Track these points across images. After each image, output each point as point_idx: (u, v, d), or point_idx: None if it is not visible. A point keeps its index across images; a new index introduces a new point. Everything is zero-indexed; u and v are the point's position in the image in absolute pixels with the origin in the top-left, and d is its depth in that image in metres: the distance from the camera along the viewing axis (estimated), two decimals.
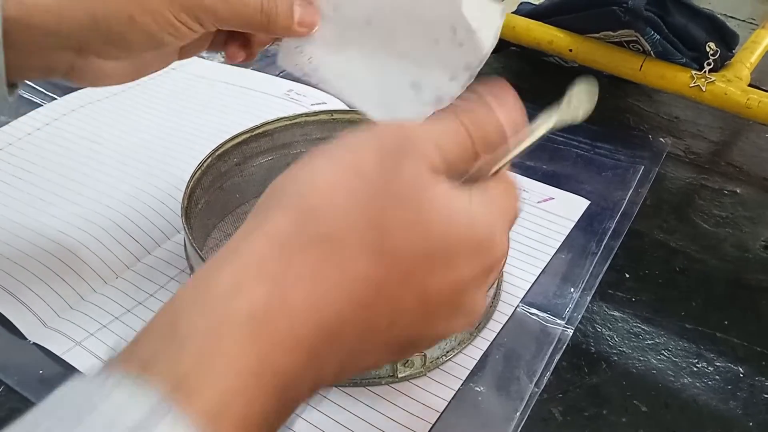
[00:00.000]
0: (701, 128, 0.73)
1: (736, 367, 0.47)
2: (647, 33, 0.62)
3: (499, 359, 0.46)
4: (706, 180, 0.65)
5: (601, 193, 0.61)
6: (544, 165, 0.65)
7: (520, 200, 0.32)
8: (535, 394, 0.43)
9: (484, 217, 0.28)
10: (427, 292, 0.26)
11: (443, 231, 0.26)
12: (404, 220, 0.26)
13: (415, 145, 0.27)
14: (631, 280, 0.53)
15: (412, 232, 0.26)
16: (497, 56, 0.85)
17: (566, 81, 0.35)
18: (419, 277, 0.26)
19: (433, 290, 0.27)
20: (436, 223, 0.26)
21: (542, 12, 0.72)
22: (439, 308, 0.27)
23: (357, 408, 0.42)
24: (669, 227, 0.59)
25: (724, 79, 0.62)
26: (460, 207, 0.27)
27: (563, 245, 0.55)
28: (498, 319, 0.48)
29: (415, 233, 0.26)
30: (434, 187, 0.26)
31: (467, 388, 0.44)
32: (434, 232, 0.26)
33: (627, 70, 0.66)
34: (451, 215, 0.26)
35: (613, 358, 0.47)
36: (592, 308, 0.50)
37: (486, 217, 0.28)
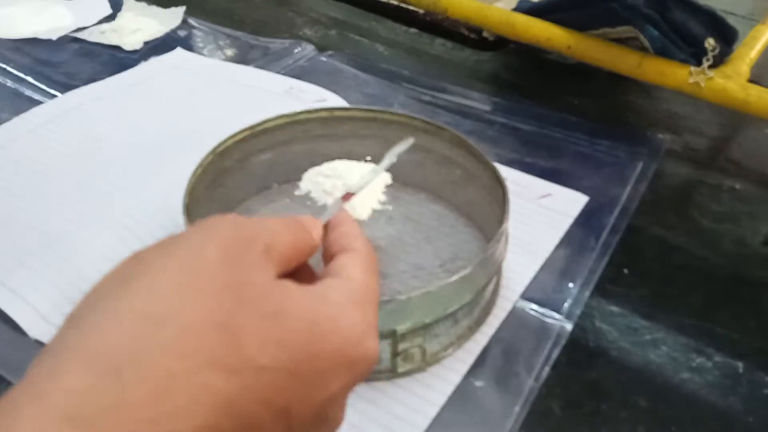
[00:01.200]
0: (700, 124, 0.73)
1: (736, 363, 0.47)
2: (646, 29, 0.62)
3: (499, 354, 0.46)
4: (705, 176, 0.65)
5: (600, 189, 0.61)
6: (543, 161, 0.65)
7: (377, 267, 0.28)
8: (534, 389, 0.44)
9: (350, 314, 0.25)
10: (290, 415, 0.23)
11: (307, 342, 0.23)
12: (260, 329, 0.22)
13: (257, 241, 0.25)
14: (630, 276, 0.53)
15: (271, 344, 0.22)
16: (496, 53, 0.85)
17: (565, 78, 0.35)
18: (282, 398, 0.22)
19: (296, 412, 0.23)
20: (299, 332, 0.23)
21: (541, 9, 0.72)
22: (301, 428, 0.24)
23: (357, 402, 0.42)
24: (668, 223, 0.59)
25: (723, 75, 0.62)
26: (321, 308, 0.24)
27: (562, 241, 0.55)
28: (497, 314, 0.49)
29: (275, 345, 0.22)
30: (287, 286, 0.24)
31: (467, 383, 0.44)
32: (298, 344, 0.23)
33: (626, 67, 0.66)
34: (315, 320, 0.24)
35: (612, 353, 0.47)
36: (591, 304, 0.50)
37: (351, 312, 0.25)
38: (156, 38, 0.83)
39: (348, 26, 0.92)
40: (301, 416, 0.23)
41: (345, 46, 0.86)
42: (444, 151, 0.56)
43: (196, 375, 0.21)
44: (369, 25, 0.92)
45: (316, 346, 0.23)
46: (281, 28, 0.90)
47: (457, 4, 0.74)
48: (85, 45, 0.81)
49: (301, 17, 0.93)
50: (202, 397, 0.21)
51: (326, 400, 0.24)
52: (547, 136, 0.69)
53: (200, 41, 0.84)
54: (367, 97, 0.74)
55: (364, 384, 0.43)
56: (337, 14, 0.94)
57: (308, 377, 0.23)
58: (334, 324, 0.24)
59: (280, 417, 0.23)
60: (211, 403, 0.21)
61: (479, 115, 0.72)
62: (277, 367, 0.22)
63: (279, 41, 0.84)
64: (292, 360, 0.23)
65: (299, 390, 0.23)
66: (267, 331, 0.22)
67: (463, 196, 0.56)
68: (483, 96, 0.76)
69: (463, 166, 0.55)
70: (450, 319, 0.44)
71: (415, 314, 0.42)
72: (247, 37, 0.85)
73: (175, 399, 0.20)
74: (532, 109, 0.73)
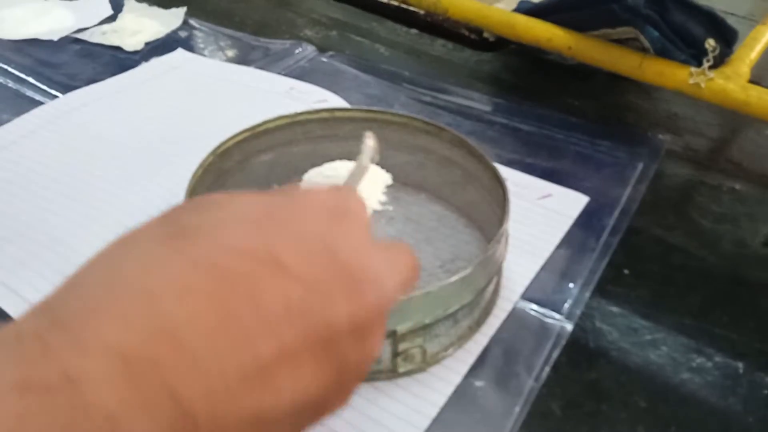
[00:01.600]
0: (700, 125, 0.73)
1: (735, 363, 0.47)
2: (646, 30, 0.62)
3: (499, 354, 0.46)
4: (705, 177, 0.65)
5: (600, 190, 0.61)
6: (544, 162, 0.65)
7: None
8: (534, 389, 0.44)
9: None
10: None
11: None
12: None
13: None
14: (630, 277, 0.53)
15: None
16: (497, 54, 0.85)
17: (565, 79, 0.35)
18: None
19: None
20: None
21: (541, 10, 0.72)
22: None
23: (357, 402, 0.42)
24: (668, 224, 0.59)
25: (723, 76, 0.62)
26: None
27: (562, 241, 0.55)
28: (497, 314, 0.49)
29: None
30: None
31: (467, 383, 0.44)
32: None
33: (626, 68, 0.66)
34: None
35: (612, 353, 0.47)
36: (591, 304, 0.51)
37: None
38: (157, 39, 0.83)
39: (349, 27, 0.92)
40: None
41: (346, 47, 0.86)
42: (444, 151, 0.56)
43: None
44: (370, 26, 0.92)
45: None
46: (282, 28, 0.90)
47: (457, 5, 0.74)
48: (86, 46, 0.81)
49: (302, 18, 0.94)
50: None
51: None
52: (547, 136, 0.69)
53: (201, 42, 0.84)
54: (367, 97, 0.74)
55: (365, 384, 0.43)
56: (338, 15, 0.95)
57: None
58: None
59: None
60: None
61: (480, 116, 0.72)
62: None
63: (280, 42, 0.84)
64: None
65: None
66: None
67: (464, 196, 0.56)
68: (483, 96, 0.76)
69: (464, 166, 0.55)
70: (450, 320, 0.44)
71: (416, 314, 0.42)
72: (247, 38, 0.85)
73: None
74: (532, 109, 0.73)
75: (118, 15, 0.87)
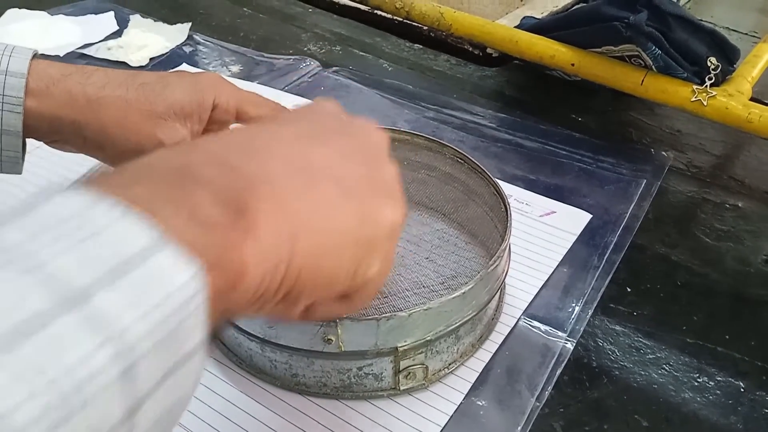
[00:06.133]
0: (703, 142, 0.73)
1: (737, 382, 0.47)
2: (649, 48, 0.62)
3: (501, 373, 0.46)
4: (708, 194, 0.65)
5: (604, 207, 0.61)
6: (547, 178, 0.65)
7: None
8: (536, 408, 0.44)
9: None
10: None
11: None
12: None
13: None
14: (633, 294, 0.53)
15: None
16: (500, 70, 0.86)
17: (569, 94, 0.35)
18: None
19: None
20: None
21: (545, 26, 0.72)
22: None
23: (358, 421, 0.42)
24: (671, 241, 0.59)
25: (725, 93, 0.62)
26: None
27: (565, 258, 0.55)
28: (500, 330, 0.49)
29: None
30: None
31: (469, 402, 0.44)
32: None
33: (629, 85, 0.66)
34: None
35: (614, 372, 0.47)
36: (593, 322, 0.50)
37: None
38: (162, 54, 0.84)
39: (352, 42, 0.92)
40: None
41: (349, 62, 0.86)
42: (446, 168, 0.56)
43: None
44: (373, 41, 0.93)
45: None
46: (286, 44, 0.90)
47: (461, 21, 0.75)
48: (92, 61, 0.81)
49: (306, 33, 0.94)
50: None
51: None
52: (550, 152, 0.69)
53: (205, 57, 0.85)
54: (371, 112, 0.74)
55: (366, 402, 0.43)
56: (342, 30, 0.95)
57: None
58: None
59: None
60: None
61: (483, 131, 0.72)
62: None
63: (284, 57, 0.85)
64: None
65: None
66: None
67: (466, 213, 0.56)
68: (487, 112, 0.76)
69: (466, 183, 0.55)
70: (452, 336, 0.44)
71: (417, 331, 0.42)
72: (252, 53, 0.86)
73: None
74: (535, 125, 0.73)
75: (124, 30, 0.87)
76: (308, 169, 0.27)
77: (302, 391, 0.44)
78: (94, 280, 0.18)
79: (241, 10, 0.99)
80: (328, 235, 0.26)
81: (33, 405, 0.15)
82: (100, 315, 0.17)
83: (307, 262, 0.25)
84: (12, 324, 0.16)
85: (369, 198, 0.28)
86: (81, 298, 0.17)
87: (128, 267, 0.18)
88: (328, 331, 0.40)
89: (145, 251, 0.19)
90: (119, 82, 0.43)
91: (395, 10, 0.80)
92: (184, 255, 0.20)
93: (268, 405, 0.43)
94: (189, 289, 0.20)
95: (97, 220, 0.19)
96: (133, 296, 0.18)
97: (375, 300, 0.49)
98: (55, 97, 0.41)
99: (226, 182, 0.23)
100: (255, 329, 0.43)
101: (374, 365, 0.43)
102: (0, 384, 0.15)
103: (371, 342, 0.41)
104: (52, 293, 0.17)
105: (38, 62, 0.42)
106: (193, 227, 0.21)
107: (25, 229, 0.18)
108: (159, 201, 0.21)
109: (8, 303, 0.16)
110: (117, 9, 0.92)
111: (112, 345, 0.17)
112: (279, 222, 0.24)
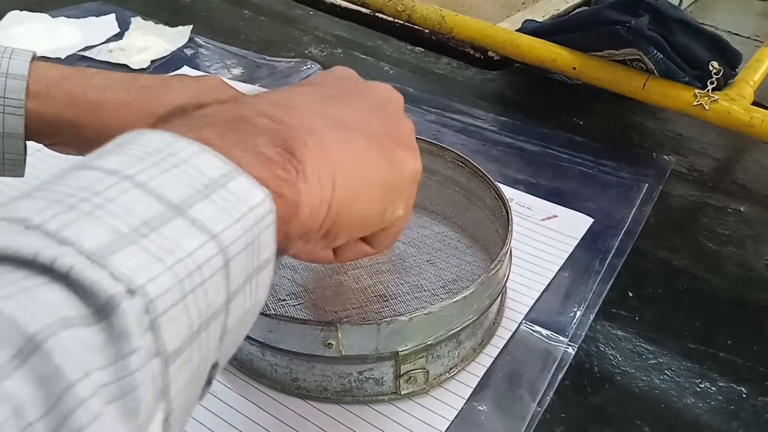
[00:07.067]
0: (705, 146, 0.73)
1: (739, 388, 0.47)
2: (650, 52, 0.62)
3: (503, 377, 0.46)
4: (710, 198, 0.65)
5: (605, 211, 0.61)
6: (548, 182, 0.65)
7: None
8: (537, 413, 0.43)
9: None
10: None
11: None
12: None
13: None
14: (635, 299, 0.53)
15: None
16: (501, 73, 0.86)
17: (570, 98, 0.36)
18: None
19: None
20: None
21: (546, 30, 0.72)
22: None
23: (359, 426, 0.42)
24: (672, 246, 0.59)
25: (727, 97, 0.62)
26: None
27: (567, 263, 0.55)
28: (501, 335, 0.49)
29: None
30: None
31: (470, 407, 0.44)
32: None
33: (630, 89, 0.66)
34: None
35: (616, 377, 0.47)
36: (595, 327, 0.50)
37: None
38: (163, 57, 0.83)
39: (354, 45, 0.92)
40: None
41: (351, 65, 0.85)
42: (447, 171, 0.56)
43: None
44: (374, 44, 0.93)
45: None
46: (287, 46, 0.90)
47: (463, 25, 0.75)
48: (92, 63, 0.81)
49: (308, 36, 0.94)
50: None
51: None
52: (552, 156, 0.69)
53: (207, 60, 0.85)
54: None
55: (367, 407, 0.43)
56: (343, 33, 0.95)
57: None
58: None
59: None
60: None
61: (484, 135, 0.72)
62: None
63: (285, 60, 0.85)
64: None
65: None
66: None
67: (467, 216, 0.56)
68: (488, 115, 0.76)
69: (467, 186, 0.55)
70: (453, 340, 0.44)
71: (418, 335, 0.42)
72: (253, 56, 0.86)
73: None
74: (537, 129, 0.73)
75: (125, 33, 0.87)
76: (341, 124, 0.30)
77: (303, 395, 0.44)
78: (190, 195, 0.21)
79: (242, 13, 0.99)
80: (361, 180, 0.30)
81: (166, 278, 0.19)
82: (202, 220, 0.21)
83: (345, 203, 0.29)
84: (138, 220, 0.20)
85: (393, 149, 0.32)
86: (184, 207, 0.21)
87: (214, 187, 0.22)
88: (329, 335, 0.40)
89: (224, 177, 0.22)
90: (120, 85, 0.43)
91: (397, 13, 0.80)
92: (255, 182, 0.23)
93: (268, 409, 0.43)
94: (263, 207, 0.23)
95: (180, 153, 0.22)
96: (223, 209, 0.22)
97: (375, 304, 0.49)
98: (56, 99, 0.41)
99: (278, 131, 0.26)
100: (255, 333, 0.42)
101: (375, 369, 0.42)
102: (140, 263, 0.19)
103: (372, 346, 0.41)
104: (160, 202, 0.20)
105: (38, 64, 0.42)
106: (258, 163, 0.24)
107: (121, 161, 0.21)
108: (227, 141, 0.24)
109: (130, 206, 0.20)
110: (118, 11, 0.92)
111: (216, 242, 0.21)
112: (322, 167, 0.27)
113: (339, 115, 0.30)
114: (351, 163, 0.29)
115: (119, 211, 0.20)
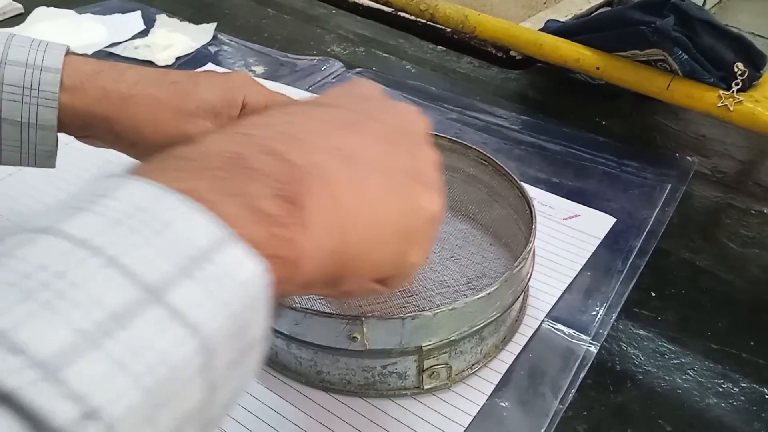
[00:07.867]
0: (728, 147, 0.73)
1: (762, 389, 0.46)
2: (675, 53, 0.62)
3: (524, 375, 0.46)
4: (733, 199, 0.65)
5: (628, 211, 0.61)
6: (570, 182, 0.65)
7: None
8: (560, 411, 0.44)
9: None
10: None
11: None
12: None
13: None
14: (657, 299, 0.53)
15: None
16: (523, 73, 0.86)
17: (592, 98, 0.35)
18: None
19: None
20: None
21: (569, 30, 0.72)
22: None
23: (382, 420, 0.43)
24: (695, 247, 0.59)
25: (752, 99, 0.62)
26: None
27: (589, 262, 0.55)
28: (524, 332, 0.49)
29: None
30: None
31: (492, 403, 0.44)
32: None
33: (654, 89, 0.66)
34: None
35: (638, 376, 0.47)
36: (617, 326, 0.50)
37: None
38: (187, 54, 0.84)
39: (376, 43, 0.93)
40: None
41: (373, 64, 0.87)
42: (470, 169, 0.56)
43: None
44: (397, 43, 0.93)
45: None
46: (310, 45, 0.91)
47: (486, 24, 0.75)
48: (118, 60, 0.82)
49: (330, 34, 0.95)
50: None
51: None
52: (573, 155, 0.69)
53: (230, 57, 0.85)
54: None
55: (390, 401, 0.44)
56: (365, 32, 0.95)
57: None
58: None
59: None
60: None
61: (506, 134, 0.72)
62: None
63: (307, 58, 0.85)
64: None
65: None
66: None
67: (490, 214, 0.56)
68: (510, 114, 0.76)
69: (489, 184, 0.55)
70: (476, 337, 0.44)
71: (441, 331, 0.42)
72: (276, 54, 0.86)
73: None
74: (558, 128, 0.73)
75: (150, 30, 0.88)
76: (352, 159, 0.27)
77: (326, 388, 0.44)
78: (171, 275, 0.19)
79: (265, 11, 1.00)
80: (374, 227, 0.27)
81: (131, 394, 0.17)
82: (182, 309, 0.18)
83: (355, 252, 0.26)
84: (105, 313, 0.17)
85: (411, 189, 0.29)
86: (162, 290, 0.18)
87: (201, 261, 0.19)
88: (354, 329, 0.41)
89: (213, 246, 0.20)
90: (151, 80, 0.43)
91: (419, 12, 0.80)
92: (249, 250, 0.21)
93: (292, 401, 0.44)
94: (255, 284, 0.21)
95: (166, 214, 0.20)
96: (208, 291, 0.19)
97: (399, 299, 0.49)
98: (89, 93, 0.42)
99: (279, 174, 0.24)
100: (281, 326, 0.43)
101: (398, 364, 0.43)
102: (102, 373, 0.16)
103: (396, 341, 0.41)
104: (134, 285, 0.18)
105: (72, 58, 0.42)
106: (254, 221, 0.22)
107: (93, 225, 0.19)
108: (220, 195, 0.22)
109: (98, 293, 0.17)
110: (144, 9, 0.93)
111: (197, 338, 0.18)
112: (329, 216, 0.25)
113: (353, 147, 0.27)
114: (363, 209, 0.26)
115: (84, 301, 0.17)
